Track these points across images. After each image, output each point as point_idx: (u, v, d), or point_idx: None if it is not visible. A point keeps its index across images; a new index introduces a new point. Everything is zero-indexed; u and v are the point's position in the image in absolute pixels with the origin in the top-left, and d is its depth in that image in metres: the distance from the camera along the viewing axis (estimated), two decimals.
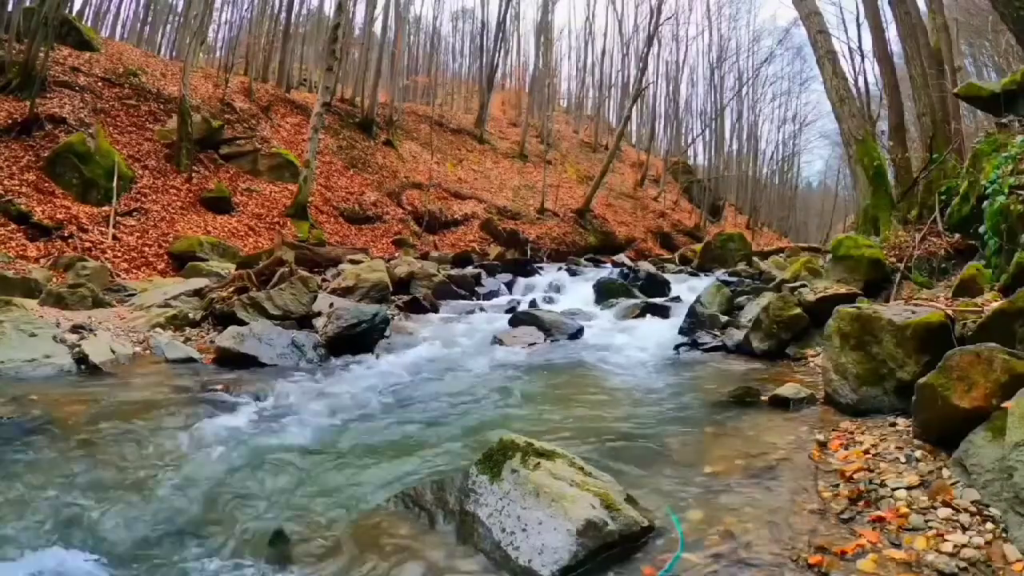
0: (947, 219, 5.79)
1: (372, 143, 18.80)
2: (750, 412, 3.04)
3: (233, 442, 2.71)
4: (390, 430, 2.99)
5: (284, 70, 19.96)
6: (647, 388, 3.79)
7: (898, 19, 9.45)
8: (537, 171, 22.34)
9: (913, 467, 2.17)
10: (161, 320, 5.20)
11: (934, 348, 2.62)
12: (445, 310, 6.94)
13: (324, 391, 3.61)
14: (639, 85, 22.90)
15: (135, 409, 3.11)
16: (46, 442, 2.59)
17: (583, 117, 33.78)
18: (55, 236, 8.63)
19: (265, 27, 21.99)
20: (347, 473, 2.40)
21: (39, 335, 4.07)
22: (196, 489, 2.25)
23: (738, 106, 33.22)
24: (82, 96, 12.02)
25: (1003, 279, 3.78)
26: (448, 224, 17.20)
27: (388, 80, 23.31)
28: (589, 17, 36.59)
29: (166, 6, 26.83)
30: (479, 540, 1.80)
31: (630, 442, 2.70)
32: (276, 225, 12.23)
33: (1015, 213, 4.03)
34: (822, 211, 37.34)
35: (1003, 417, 1.91)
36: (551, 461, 1.95)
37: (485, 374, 4.19)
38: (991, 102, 5.96)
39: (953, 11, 14.42)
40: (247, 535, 1.93)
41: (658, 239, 22.96)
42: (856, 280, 5.25)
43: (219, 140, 13.62)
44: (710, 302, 5.67)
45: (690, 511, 1.98)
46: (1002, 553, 1.66)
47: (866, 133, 8.71)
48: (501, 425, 3.00)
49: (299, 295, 5.45)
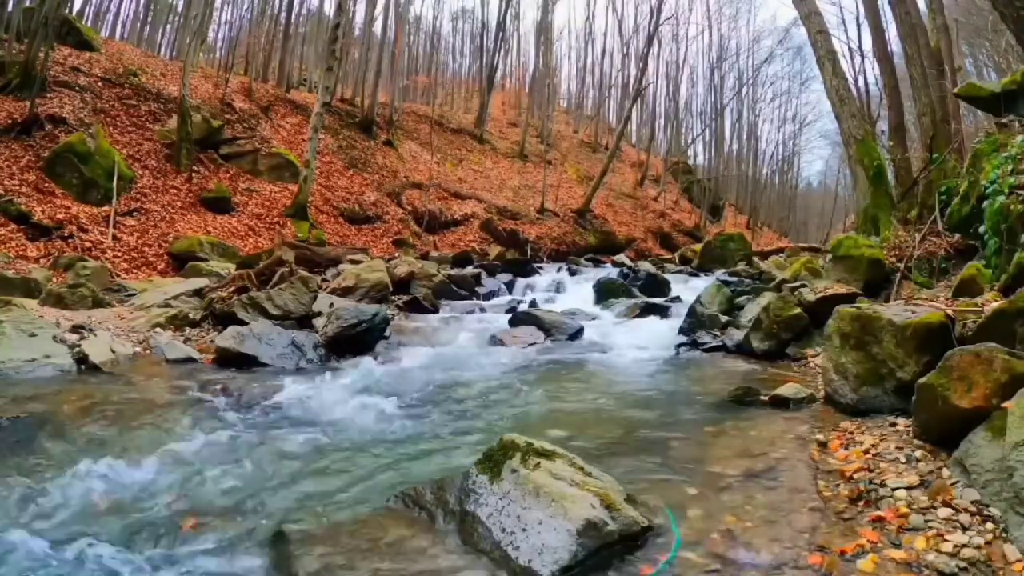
0: (947, 219, 5.79)
1: (372, 143, 18.80)
2: (750, 412, 3.04)
3: (233, 442, 2.71)
4: (390, 430, 2.99)
5: (284, 70, 19.96)
6: (647, 388, 3.79)
7: (898, 19, 9.44)
8: (537, 171, 22.34)
9: (913, 467, 2.17)
10: (161, 320, 5.20)
11: (934, 348, 2.62)
12: (445, 310, 6.94)
13: (324, 391, 3.61)
14: (639, 85, 22.90)
15: (135, 409, 3.11)
16: (46, 442, 2.59)
17: (583, 117, 33.77)
18: (55, 236, 8.63)
19: (265, 27, 22.00)
20: (347, 473, 2.40)
21: (39, 335, 4.07)
22: (196, 489, 2.25)
23: (738, 106, 33.25)
24: (82, 96, 12.01)
25: (1003, 279, 3.78)
26: (448, 224, 17.20)
27: (388, 80, 23.30)
28: (589, 17, 36.60)
29: (166, 6, 26.85)
30: (479, 540, 1.80)
31: (630, 442, 2.70)
32: (276, 225, 12.24)
33: (1015, 213, 4.03)
34: (822, 211, 37.32)
35: (1003, 417, 1.91)
36: (551, 461, 1.95)
37: (485, 374, 4.19)
38: (991, 102, 5.95)
39: (953, 11, 14.42)
40: (247, 535, 1.93)
41: (658, 239, 22.96)
42: (856, 280, 5.25)
43: (219, 140, 13.62)
44: (710, 302, 5.67)
45: (690, 510, 1.98)
46: (1002, 553, 1.66)
47: (866, 133, 8.71)
48: (501, 425, 3.00)
49: (299, 295, 5.44)
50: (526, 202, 19.95)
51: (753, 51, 34.82)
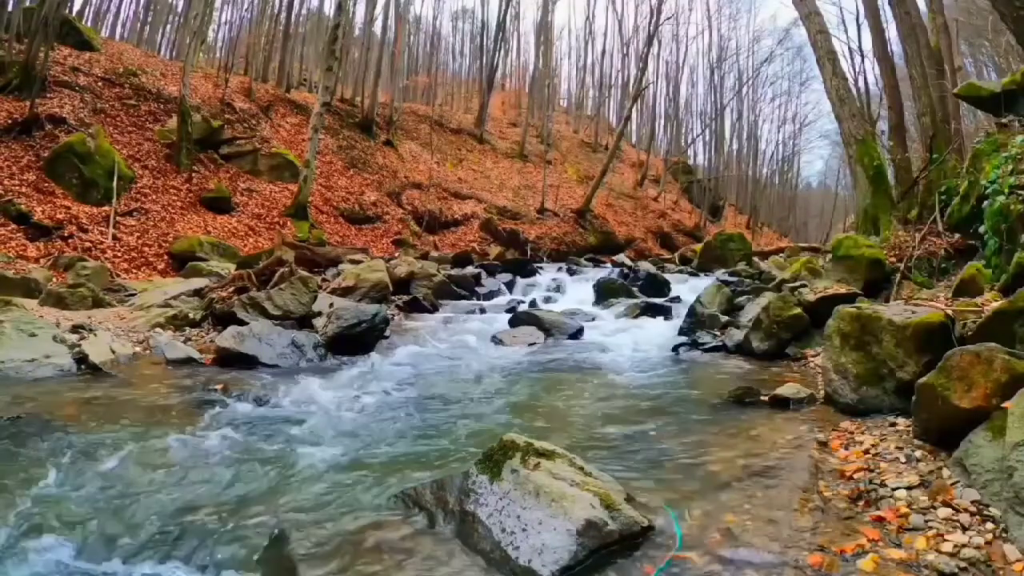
0: (947, 219, 5.80)
1: (372, 143, 18.81)
2: (750, 412, 3.04)
3: (233, 442, 2.71)
4: (390, 430, 2.99)
5: (284, 70, 19.97)
6: (647, 388, 3.78)
7: (898, 19, 9.44)
8: (537, 171, 22.35)
9: (913, 467, 2.17)
10: (161, 320, 5.20)
11: (934, 348, 2.62)
12: (445, 310, 6.94)
13: (324, 391, 3.60)
14: (639, 85, 22.91)
15: (135, 409, 3.11)
16: (46, 442, 2.59)
17: (583, 117, 33.79)
18: (55, 236, 8.64)
19: (265, 27, 22.00)
20: (347, 473, 2.40)
21: (39, 335, 4.07)
22: (195, 489, 2.25)
23: (738, 106, 33.32)
24: (82, 96, 12.02)
25: (1003, 279, 3.78)
26: (448, 224, 17.20)
27: (388, 80, 23.33)
28: (589, 17, 36.54)
29: (166, 6, 26.84)
30: (479, 540, 1.80)
31: (630, 442, 2.70)
32: (276, 225, 12.24)
33: (1015, 213, 4.03)
34: (822, 211, 37.36)
35: (1003, 417, 1.91)
36: (551, 461, 1.95)
37: (485, 374, 4.19)
38: (991, 102, 5.96)
39: (953, 11, 14.43)
40: (247, 535, 1.93)
41: (658, 239, 22.98)
42: (856, 280, 5.25)
43: (219, 140, 13.62)
44: (710, 302, 5.67)
45: (690, 510, 1.98)
46: (1002, 553, 1.66)
47: (866, 133, 8.72)
48: (501, 425, 3.00)
49: (299, 295, 5.44)
50: (526, 202, 19.96)
51: (753, 51, 34.96)
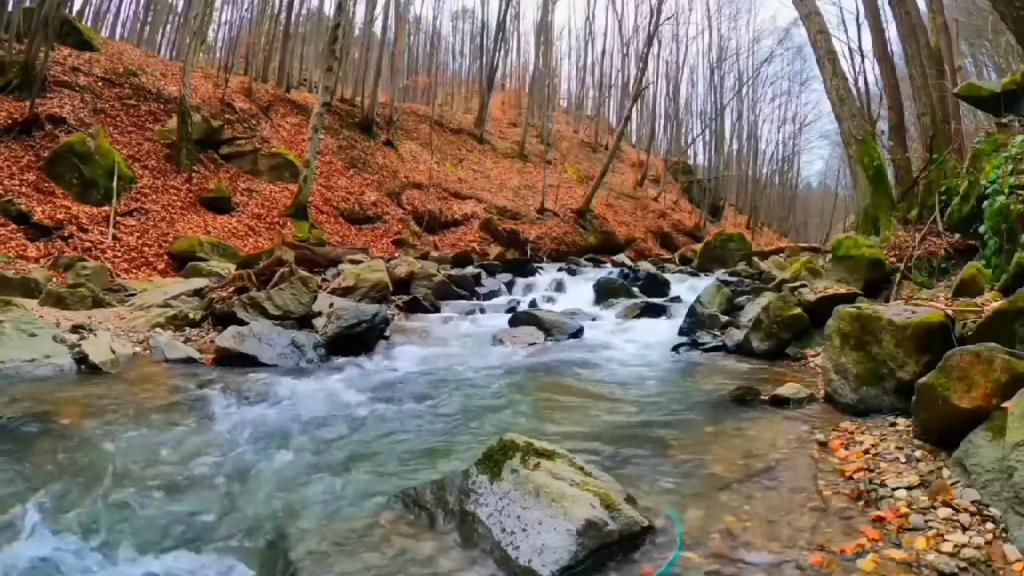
0: (947, 219, 5.80)
1: (372, 143, 18.81)
2: (750, 412, 3.04)
3: (233, 442, 2.71)
4: (390, 430, 2.99)
5: (284, 70, 19.97)
6: (647, 388, 3.79)
7: (898, 19, 9.45)
8: (537, 171, 22.35)
9: (913, 467, 2.17)
10: (161, 320, 5.20)
11: (934, 348, 2.62)
12: (445, 310, 6.94)
13: (324, 391, 3.60)
14: (639, 85, 22.91)
15: (135, 409, 3.11)
16: (46, 442, 2.59)
17: (583, 117, 33.81)
18: (55, 236, 8.63)
19: (265, 27, 22.01)
20: (347, 472, 2.40)
21: (39, 335, 4.06)
22: (195, 489, 2.25)
23: (738, 106, 33.32)
24: (82, 96, 12.02)
25: (1003, 279, 3.78)
26: (448, 224, 17.20)
27: (388, 80, 23.33)
28: (589, 17, 36.55)
29: (166, 6, 26.86)
30: (479, 540, 1.80)
31: (630, 442, 2.69)
32: (276, 225, 12.24)
33: (1015, 213, 4.04)
34: (822, 211, 37.36)
35: (1003, 417, 1.91)
36: (551, 461, 1.95)
37: (485, 374, 4.19)
38: (991, 102, 5.97)
39: (953, 11, 14.43)
40: (247, 535, 1.93)
41: (658, 239, 22.98)
42: (856, 280, 5.25)
43: (219, 140, 13.62)
44: (710, 302, 5.67)
45: (690, 510, 1.98)
46: (1002, 553, 1.66)
47: (866, 133, 8.72)
48: (501, 425, 3.00)
49: (299, 295, 5.44)
50: (526, 202, 19.96)
51: (753, 51, 34.94)
